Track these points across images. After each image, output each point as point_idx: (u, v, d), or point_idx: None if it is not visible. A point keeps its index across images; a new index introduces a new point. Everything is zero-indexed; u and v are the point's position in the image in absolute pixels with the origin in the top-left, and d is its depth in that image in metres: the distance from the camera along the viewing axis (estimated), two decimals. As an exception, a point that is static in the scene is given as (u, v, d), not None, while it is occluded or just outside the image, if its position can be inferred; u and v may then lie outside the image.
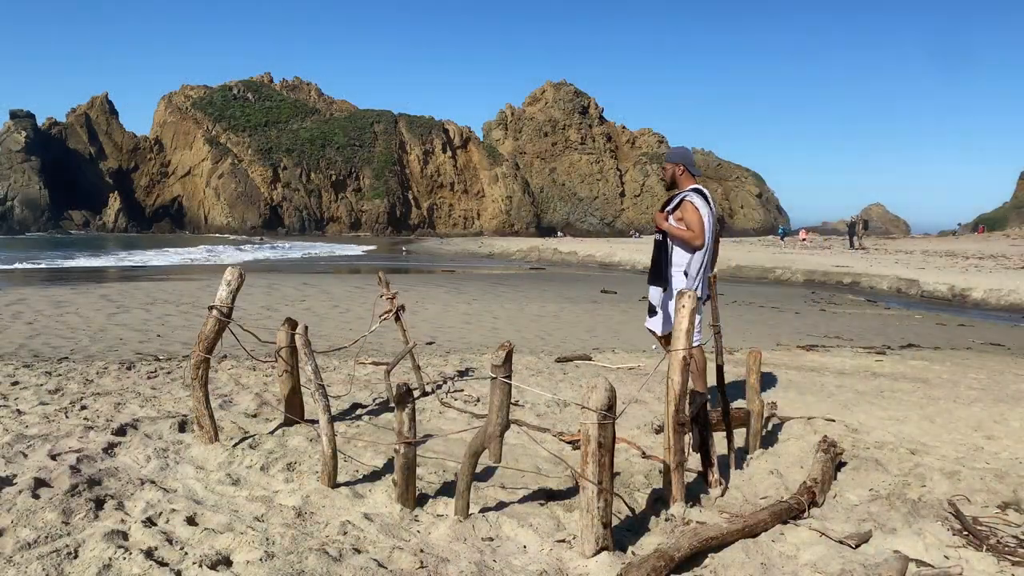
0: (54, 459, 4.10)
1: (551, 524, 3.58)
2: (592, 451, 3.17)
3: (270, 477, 4.12)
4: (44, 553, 2.95)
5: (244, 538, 3.18)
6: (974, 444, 5.44)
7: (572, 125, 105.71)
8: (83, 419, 5.06)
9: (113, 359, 8.10)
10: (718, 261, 5.86)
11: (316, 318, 12.55)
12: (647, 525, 3.65)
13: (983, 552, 3.37)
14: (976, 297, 20.54)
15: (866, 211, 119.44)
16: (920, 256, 34.67)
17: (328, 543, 3.22)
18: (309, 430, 4.79)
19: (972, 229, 70.39)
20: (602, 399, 3.16)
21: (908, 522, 3.71)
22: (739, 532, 3.41)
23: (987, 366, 9.95)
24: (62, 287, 17.77)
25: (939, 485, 4.27)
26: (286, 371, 5.06)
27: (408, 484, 3.72)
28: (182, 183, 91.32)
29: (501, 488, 4.06)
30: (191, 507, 3.57)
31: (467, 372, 7.58)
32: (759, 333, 13.16)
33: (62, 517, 3.33)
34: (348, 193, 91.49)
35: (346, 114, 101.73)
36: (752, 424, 4.90)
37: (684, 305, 3.89)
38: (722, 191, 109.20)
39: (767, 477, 4.42)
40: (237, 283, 4.54)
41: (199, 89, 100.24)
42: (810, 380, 8.11)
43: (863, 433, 5.48)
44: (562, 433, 4.86)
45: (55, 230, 76.58)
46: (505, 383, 3.45)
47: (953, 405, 6.99)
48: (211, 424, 4.61)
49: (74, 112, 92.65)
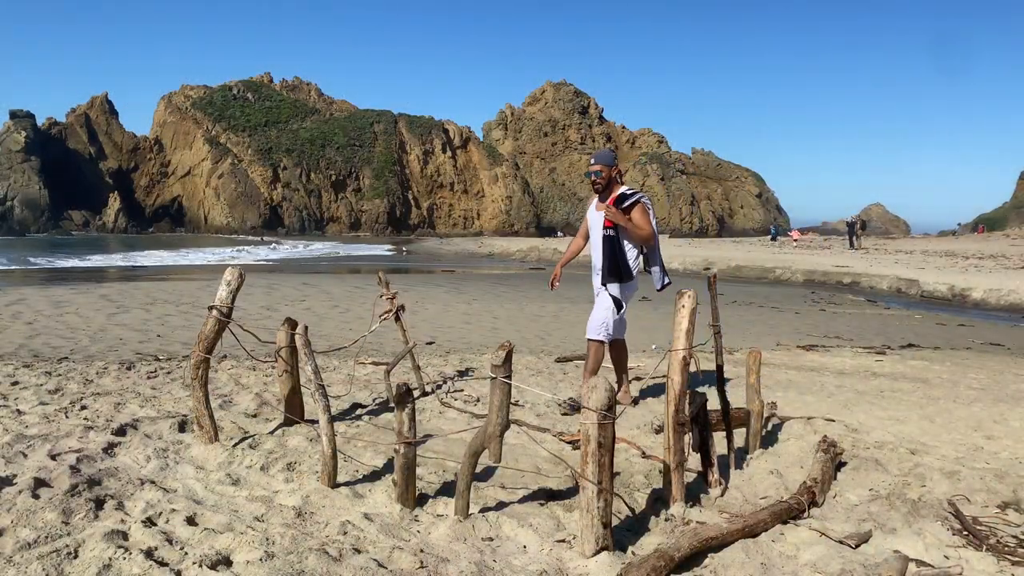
0: (54, 459, 4.09)
1: (551, 524, 3.58)
2: (592, 451, 3.17)
3: (270, 477, 4.12)
4: (44, 553, 2.95)
5: (244, 538, 3.18)
6: (974, 444, 5.44)
7: (572, 125, 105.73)
8: (83, 419, 5.06)
9: (113, 359, 8.10)
10: (718, 260, 5.92)
11: (316, 318, 12.55)
12: (647, 525, 3.65)
13: (983, 552, 3.37)
14: (976, 297, 20.54)
15: (866, 211, 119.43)
16: (920, 256, 34.68)
17: (328, 543, 3.22)
18: (309, 430, 4.79)
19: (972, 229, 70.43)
20: (602, 399, 3.16)
21: (908, 522, 3.71)
22: (739, 532, 3.41)
23: (987, 366, 9.95)
24: (62, 287, 17.76)
25: (939, 485, 4.27)
26: (286, 371, 5.06)
27: (408, 484, 3.72)
28: (182, 183, 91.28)
29: (501, 488, 4.06)
30: (191, 507, 3.57)
31: (467, 372, 7.58)
32: (759, 333, 13.16)
33: (62, 517, 3.33)
34: (348, 193, 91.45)
35: (346, 114, 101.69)
36: (752, 424, 4.90)
37: (684, 305, 3.90)
38: (722, 191, 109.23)
39: (767, 477, 4.42)
40: (237, 283, 4.54)
41: (199, 89, 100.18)
42: (810, 380, 8.11)
43: (863, 433, 5.48)
44: (562, 433, 4.88)
45: (55, 230, 76.52)
46: (505, 383, 3.45)
47: (953, 405, 6.99)
48: (211, 424, 4.61)
49: (74, 112, 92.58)
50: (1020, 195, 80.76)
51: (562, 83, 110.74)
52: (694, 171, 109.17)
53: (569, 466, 3.95)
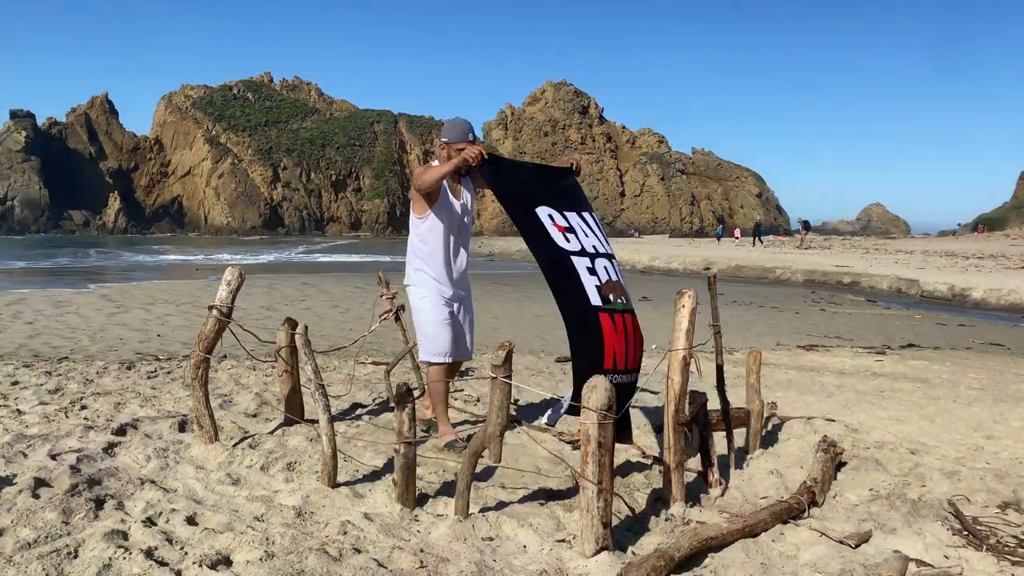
0: (54, 459, 4.09)
1: (551, 524, 3.58)
2: (592, 451, 3.17)
3: (270, 477, 4.12)
4: (44, 553, 2.95)
5: (244, 538, 3.18)
6: (974, 444, 5.44)
7: (572, 125, 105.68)
8: (83, 419, 5.06)
9: (113, 359, 8.10)
10: (718, 260, 5.86)
11: (316, 318, 12.55)
12: (647, 525, 3.65)
13: (983, 552, 3.37)
14: (976, 297, 20.54)
15: (866, 211, 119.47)
16: (920, 256, 34.68)
17: (328, 543, 3.22)
18: (309, 430, 4.79)
19: (972, 229, 70.42)
20: (602, 399, 3.16)
21: (908, 522, 3.71)
22: (739, 532, 3.41)
23: (987, 366, 9.95)
24: (62, 287, 17.76)
25: (939, 485, 4.27)
26: (286, 371, 5.05)
27: (408, 484, 3.71)
28: (182, 183, 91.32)
29: (501, 488, 4.06)
30: (191, 507, 3.57)
31: (467, 372, 7.58)
32: (759, 333, 13.16)
33: (62, 517, 3.33)
34: (348, 193, 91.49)
35: (346, 114, 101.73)
36: (752, 424, 4.90)
37: (684, 305, 3.90)
38: (722, 191, 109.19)
39: (767, 477, 4.42)
40: (237, 283, 4.54)
41: (199, 89, 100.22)
42: (810, 380, 8.11)
43: (863, 433, 5.48)
44: (562, 433, 4.87)
45: (55, 230, 76.58)
46: (505, 383, 3.45)
47: (953, 405, 6.99)
48: (211, 424, 4.61)
49: (74, 112, 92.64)
50: (1020, 195, 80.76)
51: (562, 83, 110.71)
52: (694, 171, 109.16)
53: (569, 466, 3.95)
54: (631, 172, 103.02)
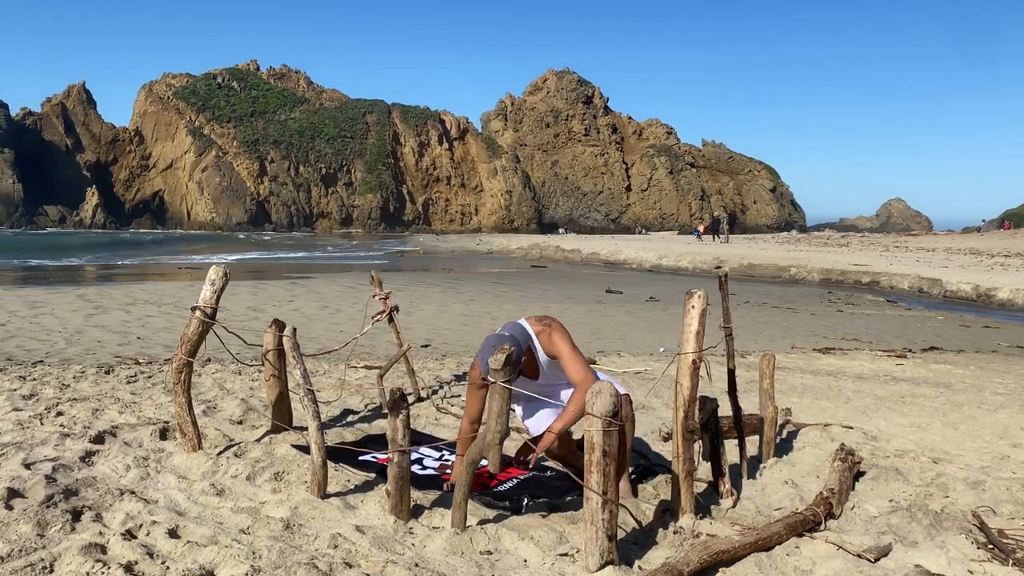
0: (28, 468, 4.10)
1: (553, 537, 3.58)
2: (596, 460, 3.16)
3: (256, 487, 4.12)
4: (18, 568, 2.95)
5: (229, 552, 3.18)
6: (1000, 453, 5.44)
7: (575, 115, 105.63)
8: (59, 426, 5.06)
9: (91, 362, 8.10)
10: (729, 258, 5.84)
11: (305, 319, 12.56)
12: (655, 538, 3.65)
13: (1009, 567, 3.37)
14: (1002, 297, 20.54)
15: (886, 207, 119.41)
16: (943, 254, 34.68)
17: (318, 557, 3.23)
18: (298, 437, 4.80)
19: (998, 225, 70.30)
20: (607, 405, 3.16)
21: (930, 535, 3.71)
22: (752, 545, 3.41)
23: (1013, 370, 9.95)
24: (36, 287, 17.77)
25: (963, 496, 4.27)
26: (273, 375, 5.06)
27: (402, 495, 3.72)
28: (163, 177, 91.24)
29: (500, 499, 4.06)
30: (173, 519, 3.57)
31: (465, 376, 7.59)
32: (773, 335, 13.17)
33: (37, 529, 3.33)
34: (339, 187, 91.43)
35: (337, 104, 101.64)
36: (765, 431, 4.90)
37: (694, 306, 3.89)
38: (734, 185, 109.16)
39: (781, 487, 4.42)
40: (221, 283, 4.54)
41: (182, 78, 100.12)
42: (827, 385, 8.11)
43: (883, 441, 5.48)
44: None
45: (29, 226, 76.56)
46: (505, 388, 3.45)
47: (978, 411, 6.99)
48: (194, 431, 4.62)
49: (49, 102, 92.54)
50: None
51: (565, 71, 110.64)
52: (704, 164, 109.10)
53: (572, 475, 3.94)
54: (638, 165, 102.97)
